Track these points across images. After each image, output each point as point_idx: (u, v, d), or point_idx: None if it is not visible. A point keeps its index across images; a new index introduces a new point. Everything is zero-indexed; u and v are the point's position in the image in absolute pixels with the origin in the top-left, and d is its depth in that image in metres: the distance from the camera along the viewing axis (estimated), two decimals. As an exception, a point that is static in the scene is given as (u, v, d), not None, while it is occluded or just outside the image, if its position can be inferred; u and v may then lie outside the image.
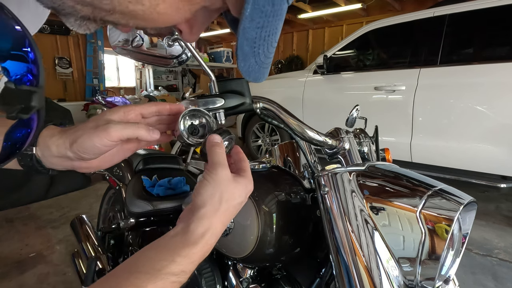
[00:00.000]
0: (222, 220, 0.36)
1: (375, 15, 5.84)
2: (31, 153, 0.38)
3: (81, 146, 0.37)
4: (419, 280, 0.44)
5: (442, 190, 0.46)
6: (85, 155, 0.38)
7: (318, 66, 3.17)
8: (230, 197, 0.36)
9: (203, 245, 0.34)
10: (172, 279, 0.31)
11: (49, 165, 0.40)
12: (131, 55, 0.48)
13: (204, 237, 0.34)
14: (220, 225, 0.36)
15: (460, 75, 2.43)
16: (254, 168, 0.64)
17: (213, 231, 0.35)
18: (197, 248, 0.33)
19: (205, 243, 0.34)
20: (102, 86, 7.54)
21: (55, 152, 0.39)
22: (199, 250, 0.34)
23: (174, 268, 0.32)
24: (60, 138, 0.38)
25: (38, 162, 0.39)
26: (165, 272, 0.31)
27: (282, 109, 0.54)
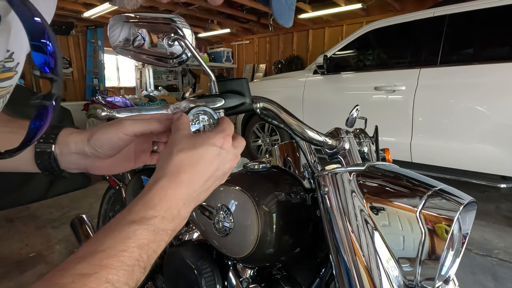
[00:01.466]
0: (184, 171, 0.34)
1: (375, 15, 5.83)
2: (50, 151, 0.41)
3: (98, 140, 0.41)
4: (419, 280, 0.44)
5: (442, 190, 0.46)
6: (100, 150, 0.41)
7: (318, 66, 3.16)
8: (181, 148, 0.35)
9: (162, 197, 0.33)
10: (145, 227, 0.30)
11: (65, 164, 0.42)
12: (131, 55, 0.48)
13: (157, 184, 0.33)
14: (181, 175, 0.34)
15: (460, 75, 2.43)
16: (254, 168, 0.64)
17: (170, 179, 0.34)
18: (155, 198, 0.32)
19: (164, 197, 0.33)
20: (102, 86, 7.53)
21: (73, 149, 0.41)
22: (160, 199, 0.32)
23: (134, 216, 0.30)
24: (79, 135, 0.42)
25: (55, 161, 0.41)
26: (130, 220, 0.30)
27: (282, 109, 0.54)
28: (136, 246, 0.29)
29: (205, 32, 7.89)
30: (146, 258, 0.29)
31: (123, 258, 0.27)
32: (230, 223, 0.57)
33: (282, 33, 7.56)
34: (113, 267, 0.26)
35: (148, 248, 0.30)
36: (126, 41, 0.46)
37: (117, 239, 0.28)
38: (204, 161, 0.36)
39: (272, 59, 7.92)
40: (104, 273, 0.25)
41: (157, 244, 0.31)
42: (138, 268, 0.28)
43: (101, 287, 0.25)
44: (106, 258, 0.26)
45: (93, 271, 0.25)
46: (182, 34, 0.44)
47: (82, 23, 7.16)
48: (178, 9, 6.10)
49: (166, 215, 0.32)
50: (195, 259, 0.70)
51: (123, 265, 0.27)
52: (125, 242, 0.28)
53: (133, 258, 0.28)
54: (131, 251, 0.28)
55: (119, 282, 0.26)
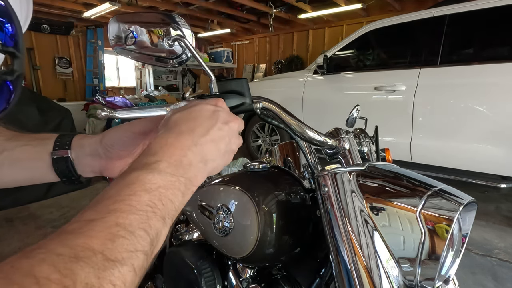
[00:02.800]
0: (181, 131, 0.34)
1: (375, 15, 5.83)
2: (67, 156, 0.43)
3: (109, 139, 0.43)
4: (419, 280, 0.44)
5: (442, 190, 0.46)
6: (112, 149, 0.43)
7: (318, 66, 3.16)
8: (179, 112, 0.36)
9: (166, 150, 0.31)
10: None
11: (81, 168, 0.45)
12: (131, 55, 0.48)
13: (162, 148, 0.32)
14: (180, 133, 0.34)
15: (460, 75, 2.43)
16: (254, 168, 0.64)
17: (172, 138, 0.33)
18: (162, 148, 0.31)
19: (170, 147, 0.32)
20: (102, 86, 7.53)
21: (87, 151, 0.44)
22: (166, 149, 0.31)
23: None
24: (92, 138, 0.45)
25: (72, 166, 0.43)
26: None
27: (282, 109, 0.54)
28: (143, 190, 0.27)
29: (205, 32, 7.89)
30: (162, 206, 0.27)
31: (130, 202, 0.26)
32: (230, 223, 0.57)
33: (282, 33, 7.56)
34: (122, 211, 0.25)
35: (160, 194, 0.28)
36: (118, 38, 0.46)
37: (121, 185, 0.27)
38: (201, 115, 0.35)
39: (272, 59, 7.92)
40: (112, 217, 0.24)
41: (170, 191, 0.29)
42: (154, 215, 0.26)
43: (111, 230, 0.23)
44: (113, 204, 0.25)
45: (100, 216, 0.24)
46: (182, 34, 0.44)
47: (82, 23, 7.16)
48: (178, 9, 6.10)
49: (171, 161, 0.30)
50: (195, 259, 0.70)
51: (133, 209, 0.25)
52: (130, 187, 0.27)
53: (142, 203, 0.26)
54: (139, 195, 0.27)
55: (132, 226, 0.24)
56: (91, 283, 0.20)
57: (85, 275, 0.20)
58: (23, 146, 0.42)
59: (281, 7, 6.14)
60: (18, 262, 0.19)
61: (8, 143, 0.42)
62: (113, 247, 0.22)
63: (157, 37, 0.45)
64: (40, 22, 6.49)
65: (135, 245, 0.24)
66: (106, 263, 0.21)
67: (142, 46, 0.46)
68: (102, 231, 0.23)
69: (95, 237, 0.22)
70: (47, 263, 0.19)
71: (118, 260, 0.22)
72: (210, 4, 6.04)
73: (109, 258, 0.22)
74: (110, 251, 0.22)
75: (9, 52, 0.23)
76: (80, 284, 0.19)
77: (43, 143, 0.43)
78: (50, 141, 0.43)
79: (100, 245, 0.22)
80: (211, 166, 0.35)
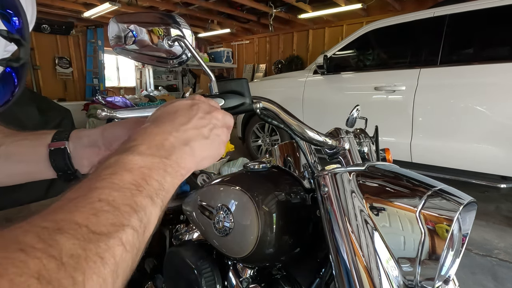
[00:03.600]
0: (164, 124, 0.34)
1: (375, 15, 5.83)
2: (64, 147, 0.42)
3: (111, 132, 0.43)
4: (419, 280, 0.44)
5: (442, 190, 0.46)
6: (113, 142, 0.43)
7: (318, 66, 3.16)
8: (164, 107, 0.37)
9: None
10: None
11: (78, 161, 0.44)
12: (131, 55, 0.48)
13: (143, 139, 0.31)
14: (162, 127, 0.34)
15: (460, 75, 2.43)
16: (254, 168, 0.64)
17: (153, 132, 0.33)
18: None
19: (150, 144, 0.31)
20: (102, 86, 7.54)
21: (86, 142, 0.43)
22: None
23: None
24: (92, 130, 0.44)
25: (69, 159, 0.43)
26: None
27: (282, 109, 0.54)
28: (124, 170, 0.27)
29: (205, 32, 7.89)
30: (147, 186, 0.27)
31: (112, 180, 0.25)
32: (230, 223, 0.57)
33: (282, 33, 7.56)
34: (104, 187, 0.25)
35: (142, 173, 0.27)
36: (125, 41, 0.46)
37: (101, 168, 0.27)
38: (181, 108, 0.36)
39: (272, 59, 7.92)
40: (94, 194, 0.24)
41: (155, 172, 0.28)
42: (139, 193, 0.26)
43: (94, 205, 0.23)
44: (95, 183, 0.25)
45: (82, 194, 0.24)
46: (182, 34, 0.44)
47: (82, 23, 7.16)
48: (178, 9, 6.10)
49: (151, 144, 0.30)
50: (195, 259, 0.70)
51: (115, 186, 0.25)
52: (110, 168, 0.27)
53: (125, 181, 0.26)
54: (120, 174, 0.26)
55: (115, 202, 0.24)
56: (77, 254, 0.19)
57: (70, 246, 0.20)
58: (21, 141, 0.42)
59: (281, 7, 6.15)
60: (1, 233, 0.19)
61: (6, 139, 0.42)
62: (97, 221, 0.22)
63: (157, 37, 0.45)
64: (40, 22, 6.49)
65: (121, 220, 0.23)
66: (91, 235, 0.21)
67: (142, 46, 0.46)
68: (85, 206, 0.23)
69: (78, 211, 0.22)
70: (32, 233, 0.19)
71: (103, 233, 0.22)
72: (210, 4, 6.04)
73: (94, 231, 0.21)
74: (94, 224, 0.22)
75: (14, 39, 0.24)
76: (66, 254, 0.19)
77: (41, 137, 0.43)
78: (49, 136, 0.43)
79: (84, 219, 0.22)
80: (199, 151, 0.34)
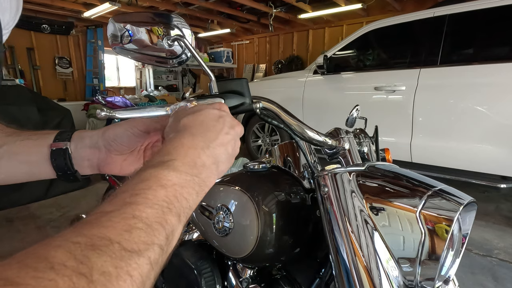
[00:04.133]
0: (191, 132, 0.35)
1: (375, 15, 5.83)
2: (66, 148, 0.42)
3: (112, 133, 0.43)
4: (419, 280, 0.44)
5: (442, 190, 0.46)
6: (113, 143, 0.43)
7: (318, 66, 3.16)
8: (184, 113, 0.37)
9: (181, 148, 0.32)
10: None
11: (78, 162, 0.44)
12: (131, 55, 0.48)
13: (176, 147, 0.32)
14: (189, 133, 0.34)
15: (460, 75, 2.43)
16: (254, 168, 0.64)
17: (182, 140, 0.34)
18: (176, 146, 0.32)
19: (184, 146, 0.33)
20: (102, 86, 7.53)
21: (87, 142, 0.44)
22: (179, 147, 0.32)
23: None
24: (93, 131, 0.45)
25: (69, 160, 0.43)
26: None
27: (282, 109, 0.54)
28: (159, 185, 0.27)
29: (205, 32, 7.89)
30: (177, 203, 0.28)
31: (147, 196, 0.26)
32: (230, 223, 0.57)
33: (282, 33, 7.56)
34: (139, 203, 0.25)
35: (175, 191, 0.28)
36: (114, 37, 0.46)
37: (137, 181, 0.28)
38: (209, 119, 0.37)
39: (272, 59, 7.91)
40: (129, 209, 0.24)
41: (185, 190, 0.29)
42: (169, 211, 0.26)
43: (128, 221, 0.23)
44: (129, 197, 0.25)
45: (116, 208, 0.24)
46: (181, 34, 0.44)
47: (82, 23, 7.16)
48: (178, 9, 6.09)
49: (185, 161, 0.31)
50: (195, 259, 0.70)
51: (149, 202, 0.25)
52: (145, 182, 0.27)
53: (159, 198, 0.26)
54: (154, 189, 0.27)
55: (148, 219, 0.24)
56: (108, 272, 0.19)
57: (102, 263, 0.19)
58: (23, 141, 0.42)
59: (281, 7, 6.14)
60: (33, 249, 0.19)
61: (8, 138, 0.42)
62: (130, 238, 0.22)
63: (157, 37, 0.45)
64: (40, 22, 6.49)
65: (152, 238, 0.24)
66: (123, 252, 0.21)
67: (141, 46, 0.46)
68: (119, 222, 0.23)
69: (112, 227, 0.22)
70: (63, 249, 0.19)
71: (135, 251, 0.22)
72: (210, 4, 6.04)
73: (126, 248, 0.21)
74: (127, 241, 0.22)
75: None
76: (97, 271, 0.19)
77: (43, 136, 0.44)
78: (51, 135, 0.44)
79: (117, 235, 0.22)
80: (221, 168, 0.36)
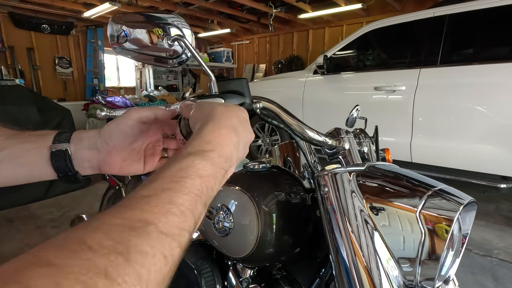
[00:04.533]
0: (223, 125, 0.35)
1: (375, 15, 5.82)
2: (65, 149, 0.42)
3: (108, 131, 0.44)
4: (419, 280, 0.44)
5: (442, 190, 0.46)
6: (110, 142, 0.44)
7: (318, 66, 3.16)
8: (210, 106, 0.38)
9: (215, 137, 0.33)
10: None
11: (78, 163, 0.44)
12: (131, 55, 0.48)
13: (209, 134, 0.33)
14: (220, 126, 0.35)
15: (460, 75, 2.43)
16: (254, 168, 0.64)
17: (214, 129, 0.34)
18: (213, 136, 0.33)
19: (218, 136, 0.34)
20: (102, 86, 7.52)
21: (86, 144, 0.44)
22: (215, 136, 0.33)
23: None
24: (91, 131, 0.45)
25: (70, 161, 0.43)
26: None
27: (282, 109, 0.54)
28: (197, 175, 0.28)
29: (205, 32, 7.89)
30: (206, 193, 0.29)
31: (185, 184, 0.27)
32: (230, 223, 0.57)
33: (282, 33, 7.55)
34: (176, 190, 0.26)
35: (208, 181, 0.29)
36: (111, 37, 0.46)
37: (176, 167, 0.28)
38: (240, 119, 0.37)
39: (272, 59, 7.91)
40: (166, 195, 0.25)
41: (214, 181, 0.30)
42: (200, 200, 0.27)
43: (165, 206, 0.24)
44: (168, 183, 0.26)
45: (154, 193, 0.25)
46: (181, 34, 0.44)
47: (82, 23, 7.16)
48: (178, 9, 6.09)
49: (221, 153, 0.32)
50: (195, 259, 0.70)
51: (186, 190, 0.27)
52: (186, 170, 0.28)
53: (195, 187, 0.27)
54: (193, 179, 0.28)
55: (183, 206, 0.25)
56: (145, 251, 0.20)
57: (139, 243, 0.20)
58: (23, 143, 0.42)
59: (281, 7, 6.14)
60: (71, 232, 0.20)
61: (8, 141, 0.42)
62: (166, 221, 0.23)
63: (157, 37, 0.45)
64: (40, 22, 6.49)
65: (183, 224, 0.25)
66: (159, 235, 0.22)
67: (142, 46, 0.46)
68: (156, 206, 0.24)
69: (149, 211, 0.23)
70: (101, 231, 0.20)
71: (169, 235, 0.23)
72: (210, 4, 6.04)
73: (162, 231, 0.23)
74: (163, 224, 0.23)
75: None
76: (134, 251, 0.20)
77: (42, 138, 0.44)
78: (50, 137, 0.44)
79: (154, 219, 0.23)
80: (233, 169, 0.37)
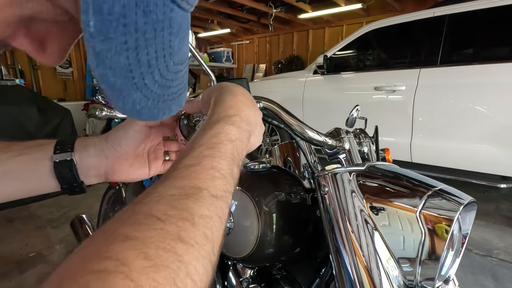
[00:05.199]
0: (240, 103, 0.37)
1: (375, 15, 5.82)
2: (70, 159, 0.39)
3: (116, 136, 0.43)
4: (419, 280, 0.44)
5: (442, 190, 0.46)
6: (119, 148, 0.42)
7: (318, 66, 3.16)
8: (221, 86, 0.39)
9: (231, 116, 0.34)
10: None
11: (84, 172, 0.41)
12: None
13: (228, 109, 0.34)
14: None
15: (460, 75, 2.43)
16: (254, 168, 0.64)
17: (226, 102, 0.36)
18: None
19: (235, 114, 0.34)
20: (102, 86, 7.52)
21: (92, 151, 0.42)
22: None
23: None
24: (96, 138, 0.44)
25: (75, 171, 0.40)
26: None
27: (282, 109, 0.54)
28: (228, 140, 0.30)
29: (205, 32, 7.88)
30: (237, 156, 0.31)
31: (220, 149, 0.29)
32: (230, 223, 0.57)
33: (282, 33, 7.55)
34: (214, 156, 0.28)
35: (237, 145, 0.31)
36: None
37: (209, 135, 0.30)
38: (247, 93, 0.38)
39: (272, 59, 7.91)
40: (207, 161, 0.27)
41: (241, 144, 0.32)
42: (234, 163, 0.29)
43: (209, 172, 0.26)
44: (206, 150, 0.28)
45: (196, 162, 0.27)
46: (182, 34, 0.44)
47: (82, 23, 7.15)
48: (178, 9, 6.08)
49: (242, 116, 0.34)
50: (195, 259, 0.69)
51: (222, 155, 0.29)
52: (217, 136, 0.30)
53: (228, 151, 0.29)
54: (225, 144, 0.30)
55: (224, 170, 0.27)
56: (205, 214, 0.23)
57: (198, 208, 0.23)
58: (18, 157, 0.38)
59: (281, 7, 6.14)
60: (137, 207, 0.22)
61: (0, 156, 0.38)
62: (214, 185, 0.26)
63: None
64: (40, 22, 6.49)
65: (227, 187, 0.27)
66: (212, 198, 0.25)
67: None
68: (202, 172, 0.26)
69: (197, 178, 0.25)
70: (163, 203, 0.22)
71: (219, 197, 0.25)
72: (210, 4, 6.04)
73: (213, 195, 0.25)
74: (212, 188, 0.25)
75: None
76: (197, 215, 0.22)
77: (41, 149, 0.40)
78: (49, 146, 0.40)
79: (203, 184, 0.25)
80: (253, 140, 0.37)
